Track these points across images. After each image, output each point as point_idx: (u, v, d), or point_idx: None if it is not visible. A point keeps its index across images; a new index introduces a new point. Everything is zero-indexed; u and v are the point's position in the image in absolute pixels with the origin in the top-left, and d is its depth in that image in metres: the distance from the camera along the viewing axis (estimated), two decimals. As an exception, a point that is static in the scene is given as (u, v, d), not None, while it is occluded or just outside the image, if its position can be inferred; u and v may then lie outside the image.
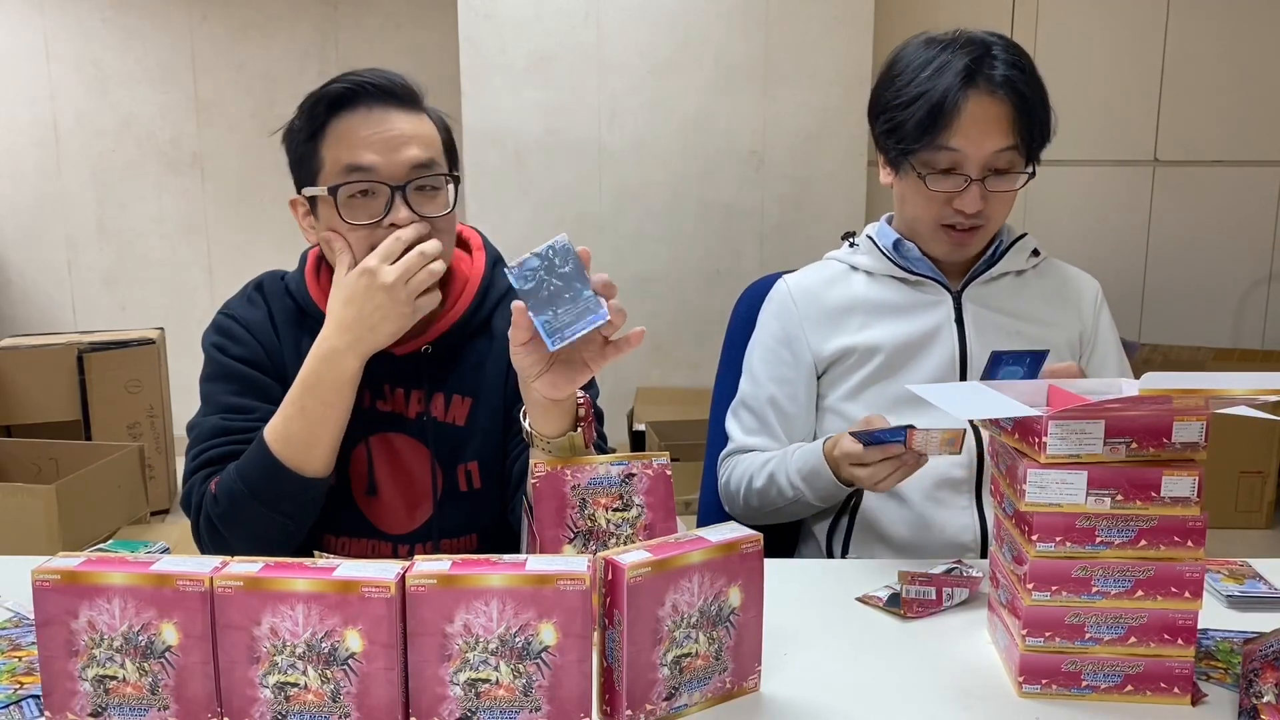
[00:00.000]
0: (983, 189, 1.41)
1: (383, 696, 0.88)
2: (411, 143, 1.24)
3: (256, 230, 4.40)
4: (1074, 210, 3.92)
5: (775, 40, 3.49)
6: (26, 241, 4.37)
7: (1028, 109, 1.41)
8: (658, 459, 1.15)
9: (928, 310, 1.51)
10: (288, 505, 1.22)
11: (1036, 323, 1.52)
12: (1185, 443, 0.96)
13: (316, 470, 1.22)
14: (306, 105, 1.27)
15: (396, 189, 1.23)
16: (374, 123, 1.24)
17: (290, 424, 1.21)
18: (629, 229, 3.62)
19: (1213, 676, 1.03)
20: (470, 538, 1.36)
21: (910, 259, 1.52)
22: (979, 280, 1.52)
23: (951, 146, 1.40)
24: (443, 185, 1.28)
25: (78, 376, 3.61)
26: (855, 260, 1.56)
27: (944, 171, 1.42)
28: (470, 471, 1.35)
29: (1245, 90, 3.84)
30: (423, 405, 1.33)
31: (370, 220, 1.23)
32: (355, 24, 4.27)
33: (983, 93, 1.39)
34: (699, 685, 0.96)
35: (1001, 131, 1.40)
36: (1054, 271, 1.58)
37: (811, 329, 1.53)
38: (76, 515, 3.02)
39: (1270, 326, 4.00)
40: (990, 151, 1.40)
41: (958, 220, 1.44)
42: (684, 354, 3.63)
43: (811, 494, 1.44)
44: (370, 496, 1.33)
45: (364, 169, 1.22)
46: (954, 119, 1.38)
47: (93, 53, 4.25)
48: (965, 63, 1.40)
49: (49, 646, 0.90)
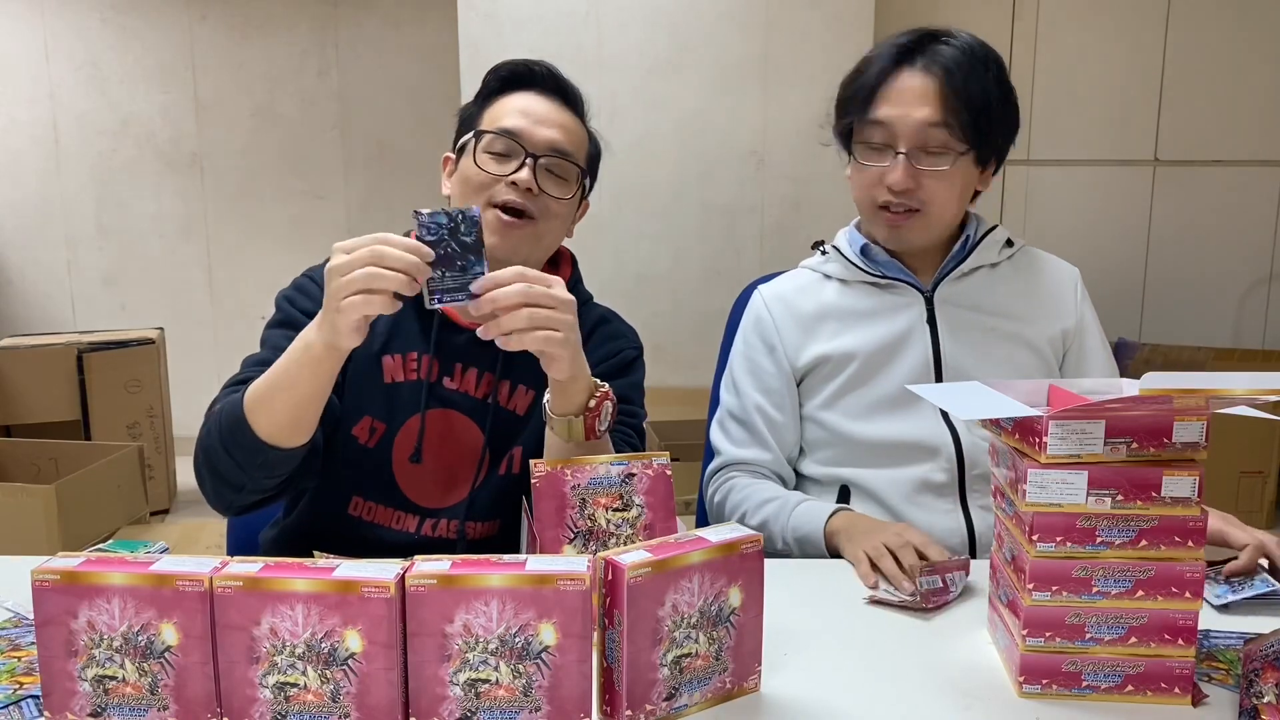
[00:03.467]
0: (910, 166, 1.42)
1: (382, 697, 0.87)
2: (560, 128, 1.36)
3: (256, 230, 4.40)
4: (1074, 210, 3.91)
5: (775, 40, 3.49)
6: (26, 241, 4.37)
7: (961, 88, 1.40)
8: (658, 459, 1.15)
9: (899, 313, 1.50)
10: (240, 455, 1.20)
11: (1012, 318, 1.50)
12: (1186, 443, 0.96)
13: (269, 436, 1.17)
14: (486, 76, 1.41)
15: (531, 154, 1.33)
16: (534, 102, 1.37)
17: (262, 383, 1.18)
18: (629, 229, 3.61)
19: (1214, 678, 1.03)
20: (493, 524, 1.38)
21: (880, 262, 1.52)
22: (950, 277, 1.51)
23: (879, 119, 1.43)
24: (572, 178, 1.37)
25: (77, 376, 3.61)
26: (827, 269, 1.57)
27: (876, 150, 1.45)
28: (513, 456, 1.38)
29: (1245, 90, 3.84)
30: (490, 389, 1.36)
31: (499, 172, 1.32)
32: (355, 24, 4.27)
33: (914, 69, 1.42)
34: (699, 685, 0.96)
35: (929, 105, 1.41)
36: (1030, 262, 1.56)
37: (788, 337, 1.54)
38: (76, 515, 3.02)
39: (1270, 326, 4.00)
40: (916, 123, 1.41)
41: (890, 200, 1.44)
42: (684, 354, 3.63)
43: (799, 553, 1.43)
44: (414, 463, 1.35)
45: (511, 131, 1.34)
46: (882, 91, 1.43)
47: (92, 53, 4.25)
48: (904, 43, 1.44)
49: (48, 646, 0.90)
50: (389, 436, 1.35)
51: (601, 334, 1.45)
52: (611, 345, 1.45)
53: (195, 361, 4.25)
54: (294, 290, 1.39)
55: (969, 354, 1.48)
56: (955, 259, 1.52)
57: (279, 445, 1.18)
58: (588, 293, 1.49)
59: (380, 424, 1.35)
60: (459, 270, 1.07)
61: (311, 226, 4.40)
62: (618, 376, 1.41)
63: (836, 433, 1.51)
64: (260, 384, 1.18)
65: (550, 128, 1.35)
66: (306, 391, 1.16)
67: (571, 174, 1.37)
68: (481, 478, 1.37)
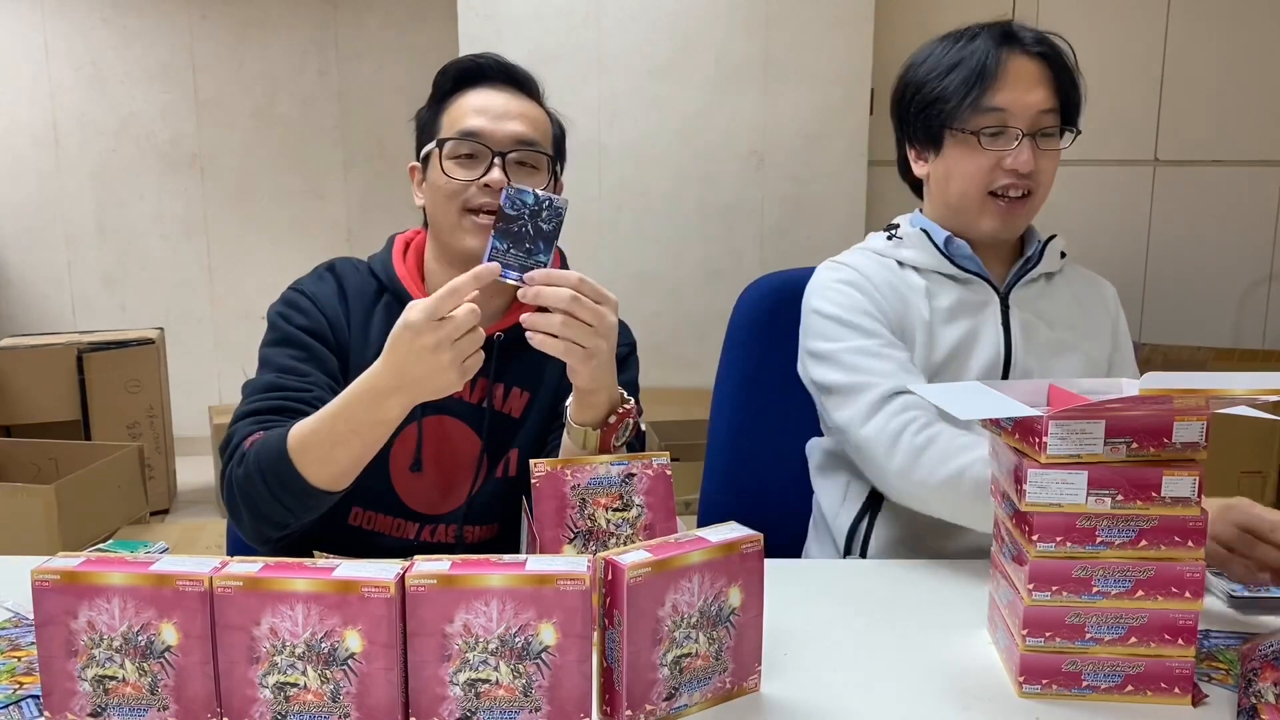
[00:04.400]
0: (1034, 146, 1.40)
1: (382, 697, 0.87)
2: (520, 119, 1.33)
3: (256, 229, 4.40)
4: (1074, 210, 3.91)
5: (775, 40, 3.49)
6: (26, 241, 4.37)
7: (1064, 70, 1.42)
8: (658, 459, 1.15)
9: (975, 311, 1.47)
10: (289, 500, 1.22)
11: (1071, 329, 1.49)
12: (1186, 443, 0.96)
13: (322, 484, 1.20)
14: (436, 78, 1.37)
15: (498, 153, 1.30)
16: (490, 97, 1.34)
17: (315, 434, 1.19)
18: (629, 229, 3.61)
19: (1214, 678, 1.03)
20: (492, 527, 1.39)
21: (960, 256, 1.48)
22: (1023, 281, 1.49)
23: (997, 105, 1.39)
24: (543, 166, 1.35)
25: (77, 376, 3.61)
26: (901, 254, 1.50)
27: (992, 134, 1.41)
28: (509, 459, 1.38)
29: (1245, 90, 3.84)
30: (485, 393, 1.36)
31: (468, 178, 1.30)
32: (355, 24, 4.27)
33: (1019, 53, 1.41)
34: (699, 685, 0.96)
35: (1044, 89, 1.41)
36: (1077, 274, 1.56)
37: (885, 303, 1.45)
38: (76, 515, 3.02)
39: (1270, 326, 4.00)
40: (1035, 108, 1.40)
41: (1009, 184, 1.41)
42: (684, 354, 3.63)
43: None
44: (414, 472, 1.35)
45: (473, 133, 1.31)
46: (997, 77, 1.39)
47: (92, 53, 4.25)
48: (998, 31, 1.43)
49: (48, 646, 0.90)
50: (387, 446, 1.33)
51: None
52: None
53: (195, 361, 4.25)
54: (285, 306, 1.37)
55: (1035, 360, 1.46)
56: (1031, 262, 1.49)
57: (331, 490, 1.21)
58: None
59: None
60: (524, 252, 1.09)
61: (311, 226, 4.40)
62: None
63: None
64: (312, 434, 1.18)
65: (511, 120, 1.32)
66: (372, 445, 1.18)
67: (542, 162, 1.35)
68: (480, 482, 1.37)
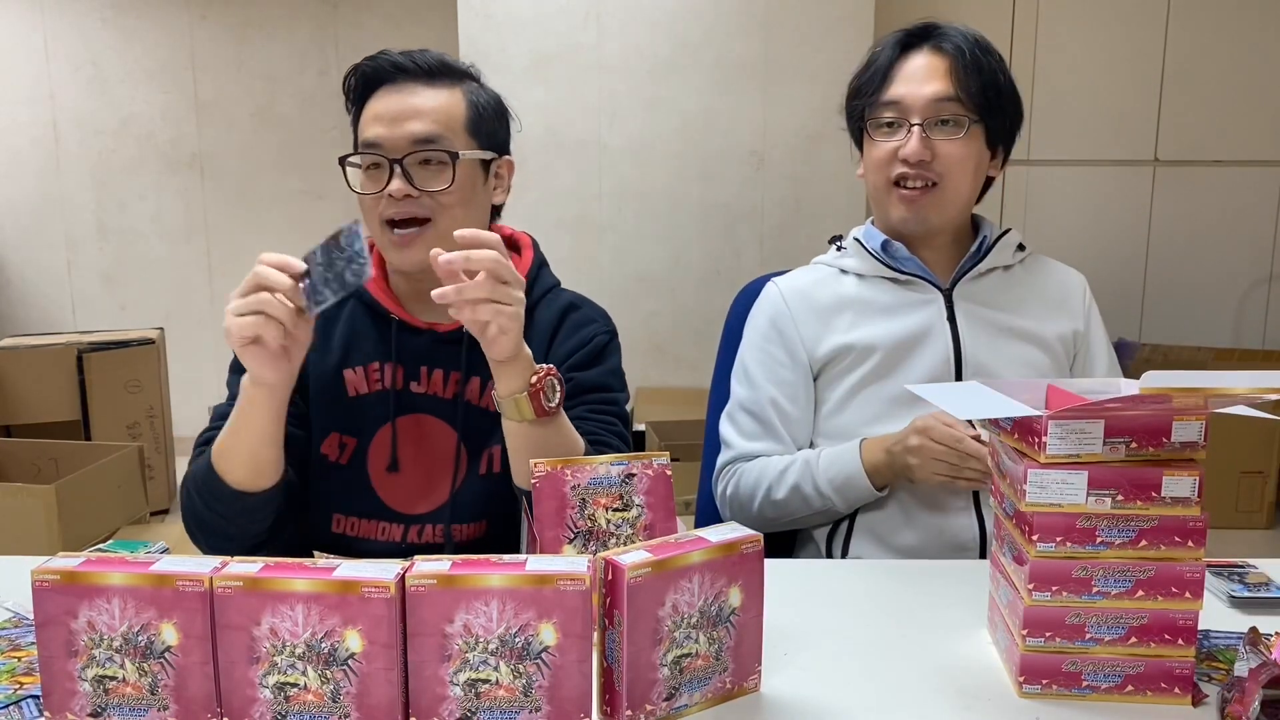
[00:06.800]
0: (924, 135, 1.43)
1: (383, 697, 0.87)
2: (417, 118, 1.28)
3: (256, 229, 4.40)
4: (1074, 210, 3.91)
5: (775, 40, 3.49)
6: (26, 241, 4.38)
7: (970, 64, 1.44)
8: (658, 459, 1.15)
9: (919, 309, 1.50)
10: (220, 507, 1.23)
11: (1028, 319, 1.51)
12: (1185, 442, 0.96)
13: (237, 481, 1.21)
14: (344, 88, 1.35)
15: (395, 161, 1.27)
16: (387, 101, 1.30)
17: (224, 431, 1.22)
18: (629, 229, 3.61)
19: (1214, 678, 1.02)
20: (480, 524, 1.37)
21: (899, 258, 1.52)
22: (968, 277, 1.52)
23: (891, 99, 1.46)
24: (449, 161, 1.29)
25: (77, 376, 3.61)
26: (843, 263, 1.56)
27: (888, 127, 1.47)
28: (493, 455, 1.35)
29: (1245, 90, 3.84)
30: (458, 388, 1.35)
31: (376, 189, 1.28)
32: (355, 24, 4.27)
33: (922, 51, 1.47)
34: (699, 685, 0.96)
35: (941, 81, 1.44)
36: (1041, 267, 1.58)
37: (805, 328, 1.53)
38: (76, 515, 3.02)
39: (1270, 326, 4.00)
40: (928, 97, 1.44)
41: (904, 173, 1.45)
42: (684, 354, 3.63)
43: (842, 503, 1.43)
44: (391, 473, 1.34)
45: (371, 143, 1.28)
46: (892, 74, 1.47)
47: (92, 53, 4.25)
48: (911, 30, 1.48)
49: (48, 647, 0.90)
50: (361, 450, 1.34)
51: (572, 321, 1.40)
52: (583, 333, 1.40)
53: (195, 361, 4.25)
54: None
55: (987, 351, 1.49)
56: (973, 259, 1.52)
57: (250, 490, 1.21)
58: (554, 278, 1.44)
59: (350, 439, 1.34)
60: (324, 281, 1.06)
61: (311, 226, 4.40)
62: (592, 364, 1.38)
63: (852, 436, 1.50)
64: (222, 435, 1.22)
65: (406, 121, 1.27)
66: (257, 434, 1.18)
67: (447, 157, 1.29)
68: (461, 479, 1.35)
